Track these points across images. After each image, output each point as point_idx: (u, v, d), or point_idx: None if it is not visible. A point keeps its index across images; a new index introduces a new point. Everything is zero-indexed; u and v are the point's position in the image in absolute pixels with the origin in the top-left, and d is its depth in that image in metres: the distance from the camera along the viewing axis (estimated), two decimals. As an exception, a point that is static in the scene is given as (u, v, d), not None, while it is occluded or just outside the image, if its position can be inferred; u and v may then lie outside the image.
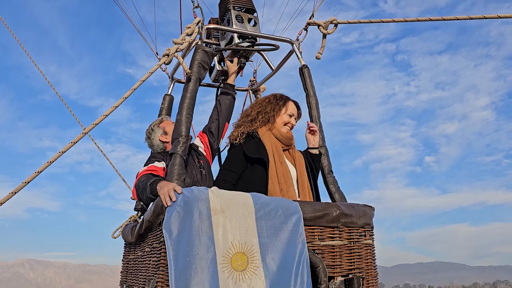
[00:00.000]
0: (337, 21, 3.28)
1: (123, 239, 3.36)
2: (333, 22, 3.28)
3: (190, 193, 2.34)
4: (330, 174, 3.09)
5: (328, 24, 3.30)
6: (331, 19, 3.29)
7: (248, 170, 2.80)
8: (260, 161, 2.78)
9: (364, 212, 2.77)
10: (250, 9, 3.48)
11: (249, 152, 2.78)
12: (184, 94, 2.84)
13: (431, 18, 3.17)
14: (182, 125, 2.73)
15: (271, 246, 2.34)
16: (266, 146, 2.81)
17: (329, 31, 3.31)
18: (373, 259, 2.78)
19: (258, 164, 2.78)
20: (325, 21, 3.30)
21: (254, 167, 2.79)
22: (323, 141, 3.15)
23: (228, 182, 2.75)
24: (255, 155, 2.78)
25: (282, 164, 2.79)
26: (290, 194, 2.73)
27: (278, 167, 2.76)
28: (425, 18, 3.19)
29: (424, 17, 3.22)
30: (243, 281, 2.22)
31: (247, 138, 2.88)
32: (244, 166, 2.80)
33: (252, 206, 2.38)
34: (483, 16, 3.07)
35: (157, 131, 3.23)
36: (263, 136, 2.87)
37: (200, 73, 2.91)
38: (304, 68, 3.26)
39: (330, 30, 3.31)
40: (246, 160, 2.80)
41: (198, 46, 2.96)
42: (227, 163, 2.87)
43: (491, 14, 3.03)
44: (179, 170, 2.62)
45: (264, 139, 2.85)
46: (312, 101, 3.20)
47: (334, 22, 3.28)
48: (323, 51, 3.35)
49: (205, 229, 2.25)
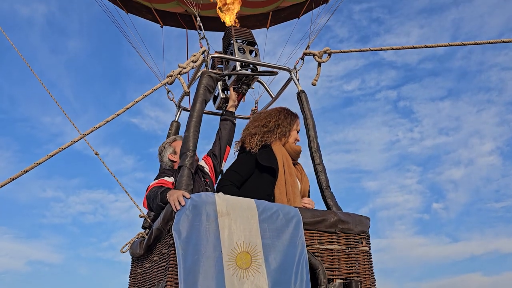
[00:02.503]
0: (331, 50, 3.59)
1: (131, 255, 3.50)
2: (327, 51, 3.59)
3: (198, 198, 2.54)
4: (327, 189, 3.28)
5: (323, 53, 3.60)
6: (325, 49, 3.59)
7: (254, 176, 2.99)
8: (269, 170, 2.98)
9: (360, 220, 2.95)
10: (251, 42, 3.80)
11: (261, 160, 2.98)
12: (191, 113, 3.09)
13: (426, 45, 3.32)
14: (190, 141, 2.96)
15: (273, 246, 2.51)
16: (277, 156, 3.03)
17: (324, 60, 3.61)
18: (370, 266, 2.92)
19: (267, 173, 2.98)
20: (319, 51, 3.61)
21: (262, 175, 2.99)
22: (321, 159, 3.37)
23: (233, 184, 2.93)
24: (267, 163, 2.97)
25: (291, 176, 3.00)
26: (296, 205, 2.92)
27: (287, 177, 2.97)
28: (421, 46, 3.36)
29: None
30: (247, 278, 2.38)
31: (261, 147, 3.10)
32: (252, 172, 3.00)
33: (256, 210, 2.57)
34: (488, 41, 3.22)
35: (168, 149, 3.46)
36: (275, 147, 3.09)
37: (206, 95, 3.17)
38: (302, 93, 3.53)
39: (325, 59, 3.61)
40: (256, 167, 3.00)
41: (204, 72, 3.25)
42: (235, 165, 3.06)
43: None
44: (187, 181, 2.82)
45: (275, 150, 3.07)
46: (310, 123, 3.44)
47: (328, 51, 3.59)
48: (318, 78, 3.63)
49: (212, 230, 2.43)
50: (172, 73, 3.09)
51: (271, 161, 3.00)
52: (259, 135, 3.11)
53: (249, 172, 3.00)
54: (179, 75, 3.11)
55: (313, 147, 3.33)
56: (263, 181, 2.97)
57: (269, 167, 2.97)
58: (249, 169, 3.00)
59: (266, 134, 3.13)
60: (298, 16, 5.85)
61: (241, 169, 3.01)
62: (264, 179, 2.97)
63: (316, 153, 3.33)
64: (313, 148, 3.33)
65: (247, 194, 2.75)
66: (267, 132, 3.13)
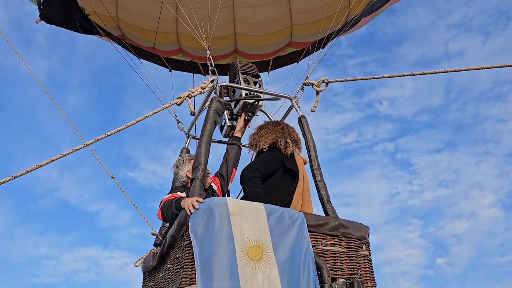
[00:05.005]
0: (327, 80, 3.96)
1: (143, 271, 3.66)
2: (324, 81, 3.96)
3: (211, 201, 2.80)
4: (329, 204, 3.51)
5: (320, 83, 3.97)
6: (322, 79, 3.97)
7: (277, 175, 3.32)
8: (291, 173, 3.33)
9: (359, 227, 3.17)
10: (255, 74, 4.18)
11: (288, 163, 3.35)
12: (202, 133, 3.39)
13: (413, 73, 3.77)
14: (201, 156, 3.24)
15: (281, 243, 2.73)
16: (298, 163, 3.41)
17: (321, 88, 3.97)
18: (371, 269, 3.11)
19: (289, 175, 3.33)
20: (317, 81, 3.98)
21: (284, 176, 3.33)
22: (322, 176, 3.63)
23: (260, 172, 3.21)
24: (292, 167, 3.35)
25: (305, 181, 3.36)
26: (310, 208, 3.28)
27: (305, 183, 3.34)
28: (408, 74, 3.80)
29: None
30: (259, 269, 2.58)
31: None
32: (276, 170, 3.33)
33: (264, 211, 2.82)
34: (480, 67, 3.53)
35: (187, 165, 3.70)
36: (296, 155, 3.48)
37: (215, 117, 3.49)
38: (302, 118, 3.85)
39: (322, 88, 3.97)
40: (282, 166, 3.35)
41: (214, 97, 3.59)
42: (267, 158, 3.37)
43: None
44: (199, 191, 3.07)
45: (297, 157, 3.45)
46: (310, 144, 3.73)
47: (325, 81, 3.96)
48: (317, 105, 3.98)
49: (225, 226, 2.67)
50: (181, 96, 3.44)
51: (293, 165, 3.38)
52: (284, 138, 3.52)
53: (275, 168, 3.34)
54: (188, 97, 3.45)
55: (314, 166, 3.61)
56: (285, 181, 3.32)
57: (291, 171, 3.34)
58: (276, 166, 3.35)
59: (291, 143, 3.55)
60: (297, 60, 6.33)
61: (271, 163, 3.34)
62: (286, 180, 3.33)
63: (317, 171, 3.60)
64: (314, 166, 3.61)
65: (270, 189, 3.17)
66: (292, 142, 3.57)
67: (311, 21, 5.37)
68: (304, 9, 5.62)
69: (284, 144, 3.46)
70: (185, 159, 3.76)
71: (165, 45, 6.18)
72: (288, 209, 2.94)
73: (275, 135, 3.55)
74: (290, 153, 3.44)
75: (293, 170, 3.33)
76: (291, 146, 3.46)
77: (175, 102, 3.41)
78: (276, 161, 3.36)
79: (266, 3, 5.69)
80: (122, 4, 5.45)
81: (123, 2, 5.44)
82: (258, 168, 3.23)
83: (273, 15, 5.83)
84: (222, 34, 5.87)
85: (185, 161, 3.74)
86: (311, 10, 5.36)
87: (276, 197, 3.16)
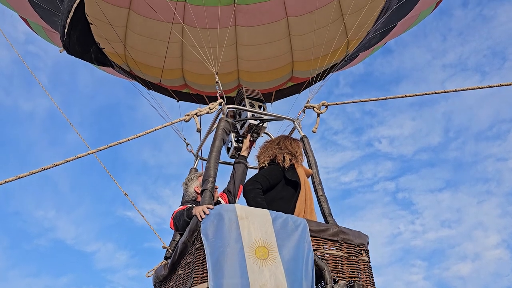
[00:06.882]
0: (327, 103, 4.26)
1: (154, 282, 3.83)
2: (324, 104, 4.26)
3: (220, 207, 3.04)
4: (330, 216, 3.73)
5: (320, 106, 4.27)
6: (322, 102, 4.27)
7: (279, 187, 3.55)
8: (293, 184, 3.55)
9: (359, 234, 3.39)
10: (260, 99, 4.49)
11: (288, 175, 3.59)
12: (211, 149, 3.66)
13: (406, 94, 4.06)
14: (211, 170, 3.49)
15: (285, 245, 2.95)
16: (299, 174, 3.63)
17: (322, 111, 4.27)
18: (371, 275, 3.29)
19: (291, 185, 3.56)
20: (318, 104, 4.28)
21: (286, 187, 3.56)
22: (323, 191, 3.86)
23: (260, 184, 3.45)
24: (293, 178, 3.58)
25: (307, 190, 3.58)
26: (313, 215, 3.48)
27: (307, 192, 3.55)
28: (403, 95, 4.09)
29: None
30: (265, 267, 2.79)
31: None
32: (277, 182, 3.57)
33: (269, 216, 3.05)
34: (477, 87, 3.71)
35: (195, 182, 3.95)
36: (298, 167, 3.70)
37: (223, 135, 3.77)
38: (304, 138, 4.13)
39: (323, 110, 4.27)
40: (283, 178, 3.58)
41: (222, 118, 3.88)
42: (267, 172, 3.61)
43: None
44: (209, 200, 3.30)
45: (298, 168, 3.68)
46: (312, 161, 3.99)
47: (325, 104, 4.26)
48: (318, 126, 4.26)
49: (234, 229, 2.89)
50: (190, 113, 3.73)
51: (295, 176, 3.60)
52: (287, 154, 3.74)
53: (277, 181, 3.58)
54: (195, 115, 3.75)
55: (316, 181, 3.85)
56: (288, 191, 3.55)
57: (293, 182, 3.56)
58: (277, 179, 3.58)
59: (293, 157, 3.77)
60: (299, 92, 6.66)
61: (271, 177, 3.57)
62: (288, 190, 3.55)
63: (318, 186, 3.84)
64: (316, 182, 3.85)
65: (273, 199, 3.42)
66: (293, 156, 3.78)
67: (311, 58, 5.69)
68: (305, 46, 5.94)
69: (282, 158, 3.69)
70: (193, 177, 4.02)
71: (171, 81, 6.53)
72: (292, 215, 3.17)
73: (273, 151, 3.81)
74: (289, 165, 3.66)
75: (294, 181, 3.56)
76: (289, 159, 3.69)
77: (183, 118, 3.69)
78: (275, 173, 3.60)
79: (268, 41, 6.02)
80: (129, 42, 5.80)
81: (130, 41, 5.79)
82: (258, 180, 3.50)
83: (275, 53, 6.14)
84: (226, 71, 6.21)
85: (193, 178, 4.00)
86: (310, 48, 5.69)
87: (280, 206, 3.37)
